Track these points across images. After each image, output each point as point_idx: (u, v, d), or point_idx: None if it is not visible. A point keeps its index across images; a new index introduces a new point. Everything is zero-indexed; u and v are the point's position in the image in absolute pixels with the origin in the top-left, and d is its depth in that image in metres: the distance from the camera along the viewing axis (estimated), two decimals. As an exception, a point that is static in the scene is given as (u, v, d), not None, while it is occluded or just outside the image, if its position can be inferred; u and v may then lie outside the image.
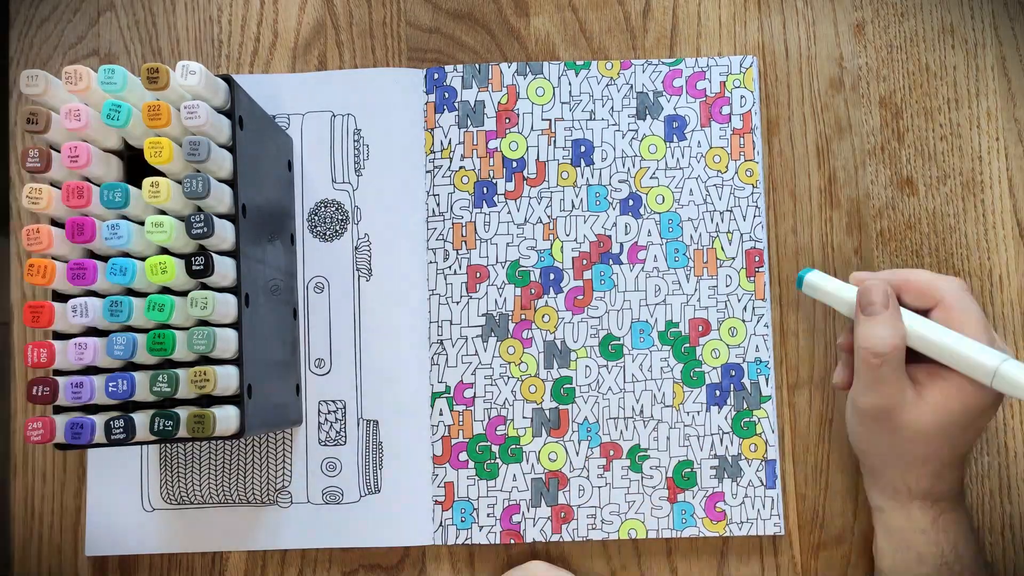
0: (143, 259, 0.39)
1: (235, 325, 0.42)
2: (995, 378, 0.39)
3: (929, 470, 0.43)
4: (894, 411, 0.42)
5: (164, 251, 0.40)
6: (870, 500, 0.47)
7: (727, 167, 0.51)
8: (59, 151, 0.39)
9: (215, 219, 0.40)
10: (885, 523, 0.45)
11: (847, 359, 0.46)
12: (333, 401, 0.50)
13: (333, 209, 0.51)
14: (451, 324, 0.51)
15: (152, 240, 0.39)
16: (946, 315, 0.42)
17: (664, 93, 0.52)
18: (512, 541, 0.49)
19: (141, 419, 0.39)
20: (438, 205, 0.51)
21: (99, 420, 0.39)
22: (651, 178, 0.51)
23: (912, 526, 0.44)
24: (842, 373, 0.46)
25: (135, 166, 0.41)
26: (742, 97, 0.52)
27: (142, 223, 0.40)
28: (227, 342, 0.41)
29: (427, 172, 0.52)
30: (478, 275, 0.51)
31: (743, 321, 0.50)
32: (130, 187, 0.39)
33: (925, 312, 0.43)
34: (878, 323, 0.42)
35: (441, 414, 0.50)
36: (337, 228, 0.51)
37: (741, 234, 0.51)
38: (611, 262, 0.51)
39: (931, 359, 0.42)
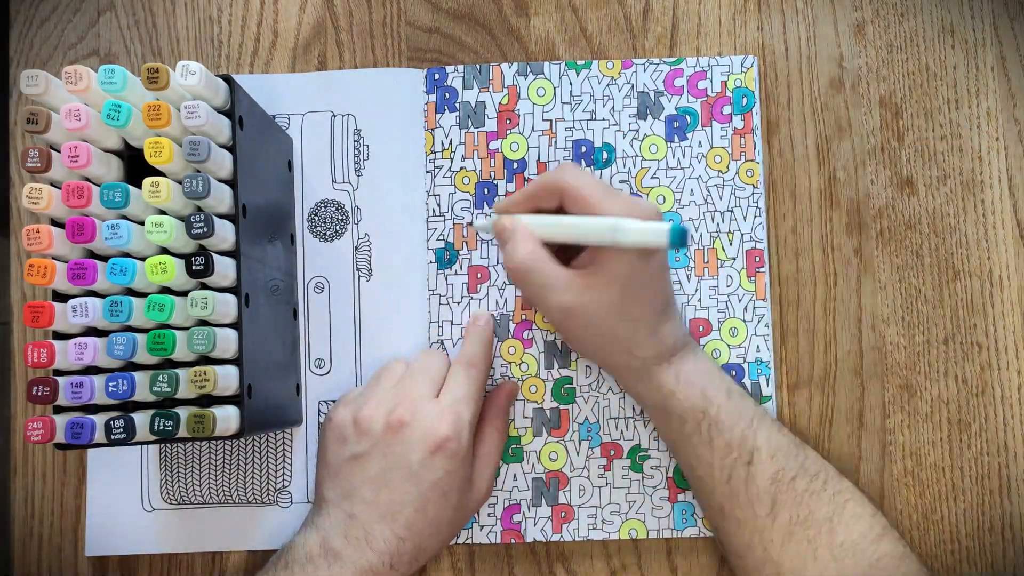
0: (143, 259, 0.39)
1: (235, 325, 0.42)
2: (616, 242, 0.41)
3: (637, 338, 0.44)
4: (570, 308, 0.43)
5: (164, 251, 0.40)
6: (629, 392, 0.48)
7: (728, 167, 0.51)
8: (59, 151, 0.39)
9: (215, 219, 0.40)
10: (646, 406, 0.47)
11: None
12: (333, 401, 0.50)
13: (333, 209, 0.51)
14: (451, 324, 0.51)
15: (152, 240, 0.38)
16: (571, 201, 0.44)
17: (665, 93, 0.52)
18: (512, 541, 0.49)
19: (141, 419, 0.39)
20: (439, 205, 0.51)
21: (99, 420, 0.39)
22: (652, 178, 0.51)
23: (664, 392, 0.45)
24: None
25: (135, 166, 0.41)
26: (743, 97, 0.52)
27: (142, 223, 0.40)
28: (227, 342, 0.41)
29: (427, 172, 0.52)
30: (479, 276, 0.51)
31: (744, 321, 0.50)
32: (130, 187, 0.39)
33: (563, 211, 0.45)
34: (508, 242, 0.45)
35: (441, 414, 0.50)
36: (337, 228, 0.51)
37: (742, 234, 0.51)
38: (611, 262, 0.51)
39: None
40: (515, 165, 0.51)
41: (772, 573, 0.43)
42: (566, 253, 0.46)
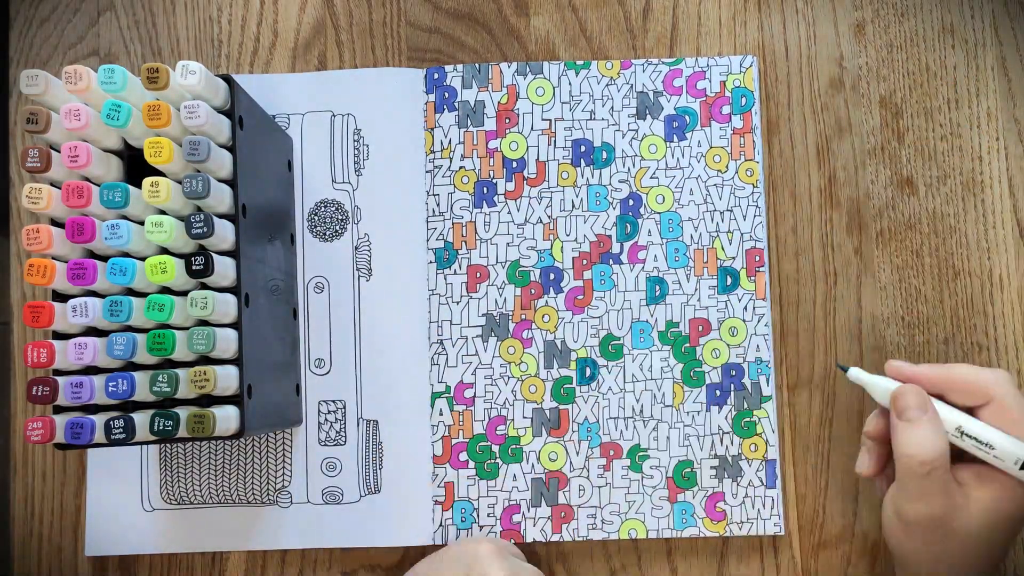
0: (143, 259, 0.39)
1: (235, 325, 0.42)
2: None
3: (975, 573, 0.41)
4: (945, 519, 0.39)
5: (164, 251, 0.40)
6: None
7: (727, 167, 0.51)
8: (59, 151, 0.39)
9: (215, 219, 0.40)
10: None
11: (873, 448, 0.44)
12: (333, 401, 0.50)
13: (333, 209, 0.51)
14: (451, 324, 0.51)
15: (152, 240, 0.38)
16: (999, 413, 0.40)
17: (664, 93, 0.52)
18: (512, 541, 0.49)
19: (141, 419, 0.39)
20: (438, 205, 0.51)
21: (99, 420, 0.39)
22: (651, 178, 0.51)
23: None
24: (868, 462, 0.44)
25: (135, 166, 0.41)
26: (742, 97, 0.52)
27: (142, 223, 0.40)
28: (227, 342, 0.41)
29: (427, 172, 0.52)
30: (478, 275, 0.51)
31: (743, 321, 0.50)
32: (130, 187, 0.39)
33: (971, 410, 0.41)
34: (920, 428, 0.40)
35: (441, 414, 0.50)
36: (337, 228, 0.51)
37: (741, 234, 0.51)
38: (611, 262, 0.51)
39: (974, 460, 0.40)
40: (514, 164, 0.51)
41: None
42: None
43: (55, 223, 0.40)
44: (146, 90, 0.39)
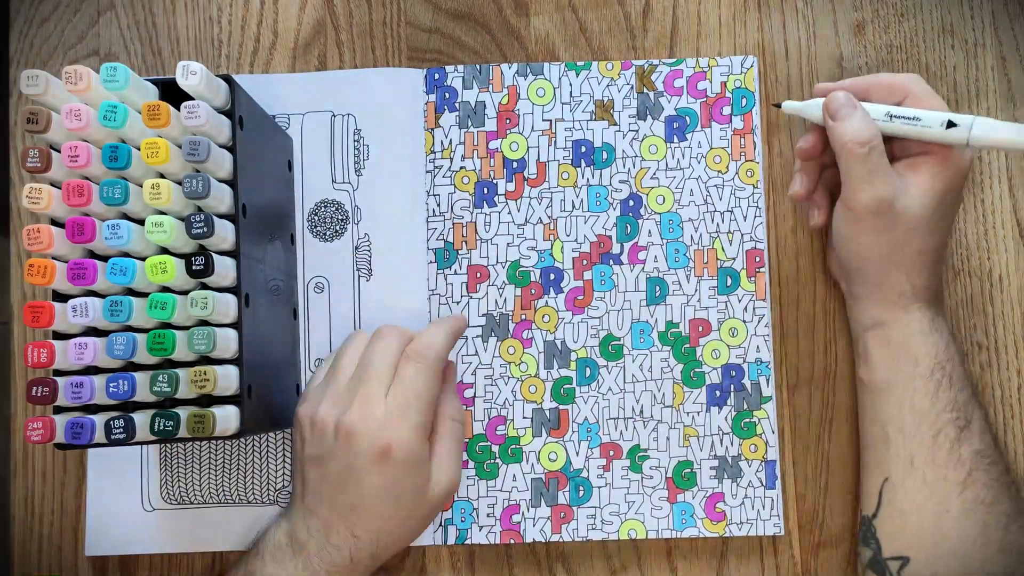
0: (143, 259, 0.39)
1: (235, 325, 0.42)
2: (971, 134, 0.41)
3: (926, 261, 0.45)
4: (891, 201, 0.43)
5: (164, 251, 0.40)
6: (863, 321, 0.47)
7: (728, 167, 0.51)
8: (59, 151, 0.39)
9: (215, 219, 0.40)
10: (885, 336, 0.46)
11: (807, 167, 0.48)
12: (333, 401, 0.50)
13: (333, 209, 0.51)
14: (451, 324, 0.51)
15: (152, 240, 0.39)
16: (916, 103, 0.44)
17: (665, 93, 0.52)
18: (512, 541, 0.49)
19: (141, 419, 0.39)
20: (438, 205, 0.51)
21: (99, 420, 0.39)
22: (651, 178, 0.51)
23: (913, 329, 0.45)
24: (802, 181, 0.48)
25: None
26: (743, 98, 0.52)
27: (142, 223, 0.40)
28: (227, 342, 0.41)
29: (427, 172, 0.52)
30: (478, 275, 0.51)
31: (743, 321, 0.50)
32: (130, 184, 0.39)
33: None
34: (853, 118, 0.44)
35: (441, 414, 0.50)
36: (337, 228, 0.51)
37: (742, 234, 0.51)
38: (611, 262, 0.51)
39: (901, 156, 0.45)
40: (515, 165, 0.52)
41: (933, 541, 0.43)
42: None
43: (55, 223, 0.40)
44: (147, 93, 0.39)
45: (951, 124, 0.42)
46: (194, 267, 0.40)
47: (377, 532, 0.44)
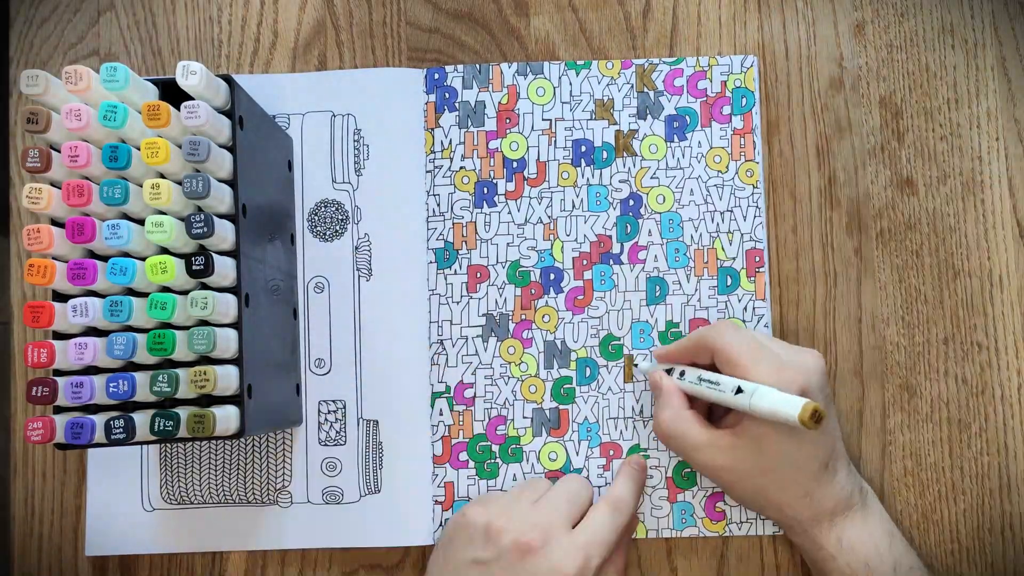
0: (143, 259, 0.39)
1: (235, 325, 0.42)
2: (751, 403, 0.41)
3: (787, 499, 0.44)
4: (708, 467, 0.45)
5: (164, 251, 0.40)
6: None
7: (727, 167, 0.51)
8: (59, 151, 0.39)
9: (215, 219, 0.40)
10: (802, 551, 0.47)
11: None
12: (333, 401, 0.50)
13: (333, 209, 0.51)
14: (451, 324, 0.51)
15: (152, 240, 0.38)
16: (724, 360, 0.44)
17: (665, 93, 0.52)
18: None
19: (141, 419, 0.39)
20: (438, 205, 0.51)
21: (99, 420, 0.39)
22: (652, 178, 0.51)
23: (824, 553, 0.44)
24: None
25: None
26: (743, 97, 0.52)
27: (142, 222, 0.40)
28: (227, 342, 0.41)
29: (427, 172, 0.52)
30: (478, 275, 0.51)
31: (744, 321, 0.50)
32: (130, 184, 0.39)
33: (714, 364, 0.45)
34: (660, 409, 0.46)
35: (441, 414, 0.50)
36: (337, 228, 0.51)
37: (741, 234, 0.51)
38: (611, 262, 0.51)
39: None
40: (515, 164, 0.52)
41: None
42: (723, 408, 0.47)
43: (55, 223, 0.40)
44: (147, 95, 0.39)
45: (740, 390, 0.42)
46: (194, 267, 0.40)
47: None
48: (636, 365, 0.50)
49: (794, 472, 0.44)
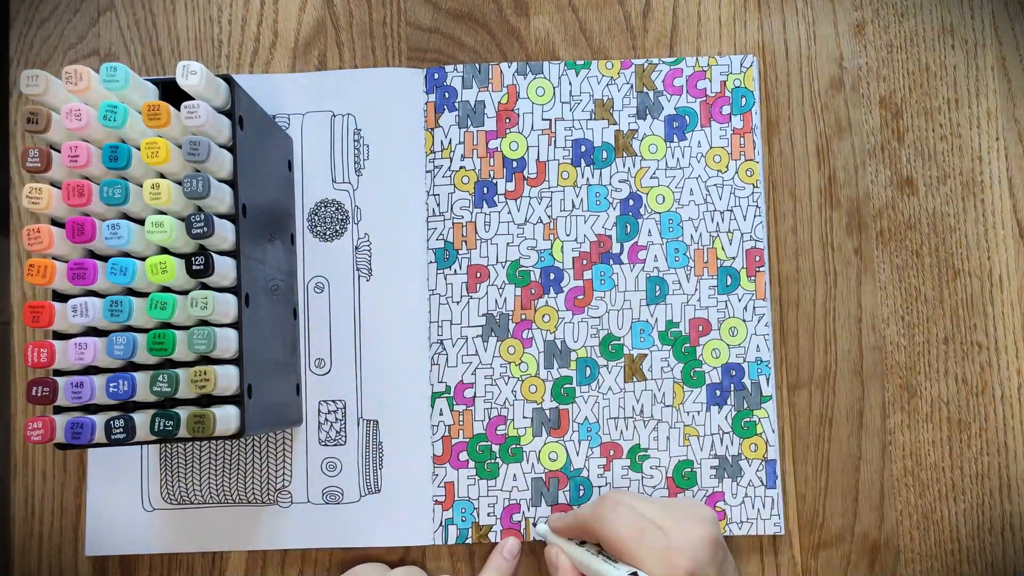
0: (143, 259, 0.39)
1: (235, 325, 0.42)
2: None
3: None
4: None
5: (164, 251, 0.40)
6: None
7: (727, 167, 0.51)
8: (59, 151, 0.39)
9: (215, 219, 0.40)
10: None
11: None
12: (333, 401, 0.50)
13: (333, 209, 0.51)
14: (451, 324, 0.51)
15: (152, 240, 0.39)
16: (610, 548, 0.43)
17: (665, 93, 0.52)
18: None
19: (141, 419, 0.39)
20: (438, 205, 0.51)
21: (99, 420, 0.39)
22: (651, 178, 0.51)
23: None
24: None
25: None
26: (743, 97, 0.52)
27: (142, 222, 0.40)
28: (227, 342, 0.41)
29: (427, 172, 0.52)
30: (478, 275, 0.51)
31: (743, 321, 0.50)
32: (130, 184, 0.39)
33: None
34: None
35: (441, 414, 0.50)
36: (337, 228, 0.51)
37: (741, 234, 0.51)
38: (611, 262, 0.51)
39: None
40: (514, 164, 0.52)
41: None
42: None
43: (55, 223, 0.40)
44: (147, 95, 0.39)
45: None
46: (194, 267, 0.40)
47: None
48: (535, 525, 0.50)
49: None
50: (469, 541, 0.50)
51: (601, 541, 0.43)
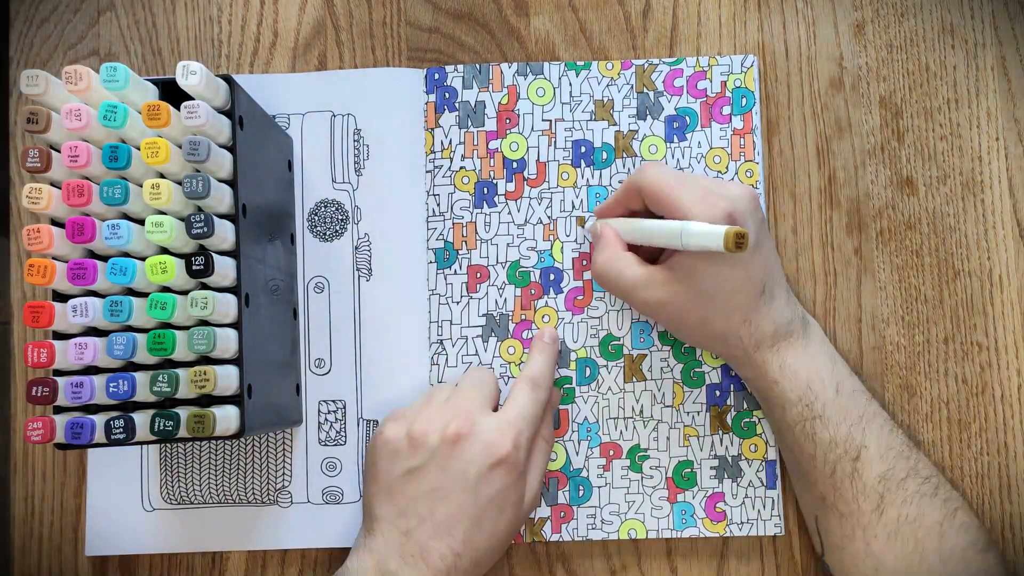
0: (143, 259, 0.39)
1: (235, 325, 0.42)
2: (682, 240, 0.42)
3: (730, 327, 0.44)
4: (649, 301, 0.45)
5: (164, 251, 0.40)
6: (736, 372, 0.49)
7: (727, 167, 0.51)
8: (59, 151, 0.39)
9: (215, 219, 0.40)
10: (753, 389, 0.48)
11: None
12: (333, 401, 0.50)
13: (333, 209, 0.51)
14: (451, 324, 0.51)
15: (152, 240, 0.39)
16: (650, 201, 0.45)
17: (665, 93, 0.52)
18: (512, 541, 0.49)
19: (141, 419, 0.39)
20: (438, 205, 0.51)
21: (99, 420, 0.39)
22: (651, 178, 0.51)
23: (765, 382, 0.45)
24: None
25: None
26: (743, 97, 0.51)
27: (142, 222, 0.40)
28: (227, 342, 0.41)
29: (427, 172, 0.52)
30: (478, 275, 0.51)
31: (743, 321, 0.50)
32: (130, 184, 0.39)
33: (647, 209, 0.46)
34: (595, 252, 0.47)
35: (441, 414, 0.50)
36: (337, 228, 0.51)
37: (741, 234, 0.51)
38: (611, 262, 0.51)
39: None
40: (515, 165, 0.52)
41: (872, 567, 0.43)
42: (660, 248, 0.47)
43: (55, 223, 0.40)
44: (146, 94, 0.39)
45: (672, 229, 0.43)
46: (194, 267, 0.39)
47: (476, 547, 0.43)
48: (584, 225, 0.51)
49: (732, 298, 0.44)
50: (469, 541, 0.50)
51: (642, 190, 0.45)
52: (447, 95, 0.52)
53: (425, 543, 0.43)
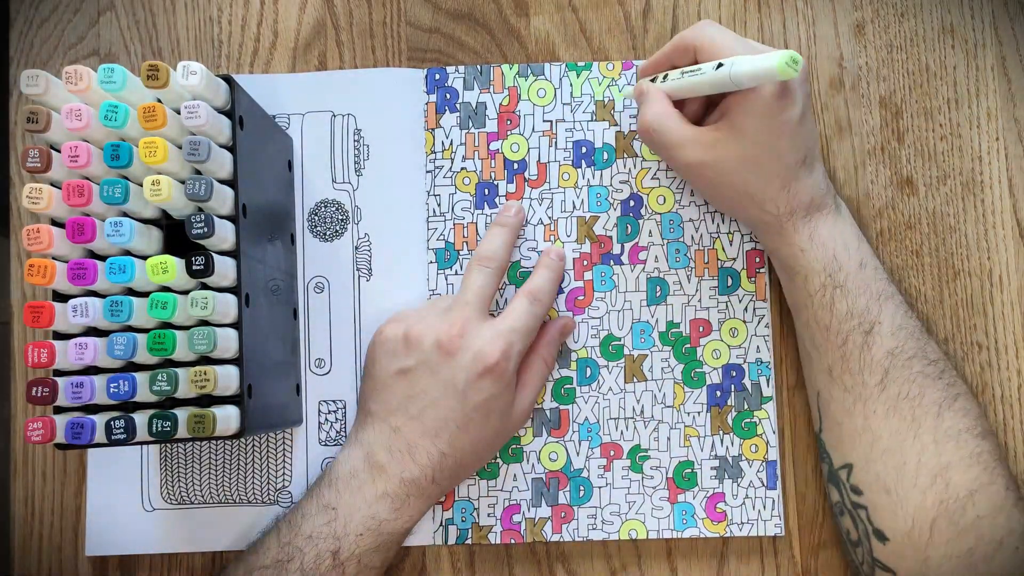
0: (144, 258, 0.39)
1: (235, 325, 0.42)
2: (731, 72, 0.41)
3: (775, 187, 0.44)
4: (693, 160, 0.45)
5: (164, 251, 0.40)
6: (765, 246, 0.49)
7: (727, 167, 0.51)
8: (59, 151, 0.39)
9: (215, 219, 0.40)
10: (777, 260, 0.48)
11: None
12: (333, 401, 0.50)
13: (333, 209, 0.51)
14: (451, 324, 0.51)
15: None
16: (704, 56, 0.44)
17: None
18: (512, 541, 0.49)
19: (141, 419, 0.39)
20: (439, 205, 0.51)
21: (99, 420, 0.39)
22: (652, 179, 0.51)
23: (793, 249, 0.45)
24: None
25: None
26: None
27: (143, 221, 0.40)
28: (227, 342, 0.41)
29: (428, 172, 0.52)
30: (478, 275, 0.51)
31: (744, 322, 0.50)
32: (130, 183, 0.39)
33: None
34: (643, 105, 0.46)
35: (441, 414, 0.50)
36: (337, 228, 0.51)
37: (742, 235, 0.51)
38: (612, 263, 0.51)
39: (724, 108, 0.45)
40: (515, 166, 0.52)
41: (867, 442, 0.44)
42: (706, 112, 0.47)
43: (55, 223, 0.40)
44: (146, 89, 0.39)
45: (720, 66, 0.42)
46: (194, 267, 0.39)
47: (462, 450, 0.45)
48: (629, 85, 0.51)
49: (776, 163, 0.44)
50: (469, 541, 0.50)
51: (697, 51, 0.44)
52: (448, 96, 0.52)
53: (413, 440, 0.45)
